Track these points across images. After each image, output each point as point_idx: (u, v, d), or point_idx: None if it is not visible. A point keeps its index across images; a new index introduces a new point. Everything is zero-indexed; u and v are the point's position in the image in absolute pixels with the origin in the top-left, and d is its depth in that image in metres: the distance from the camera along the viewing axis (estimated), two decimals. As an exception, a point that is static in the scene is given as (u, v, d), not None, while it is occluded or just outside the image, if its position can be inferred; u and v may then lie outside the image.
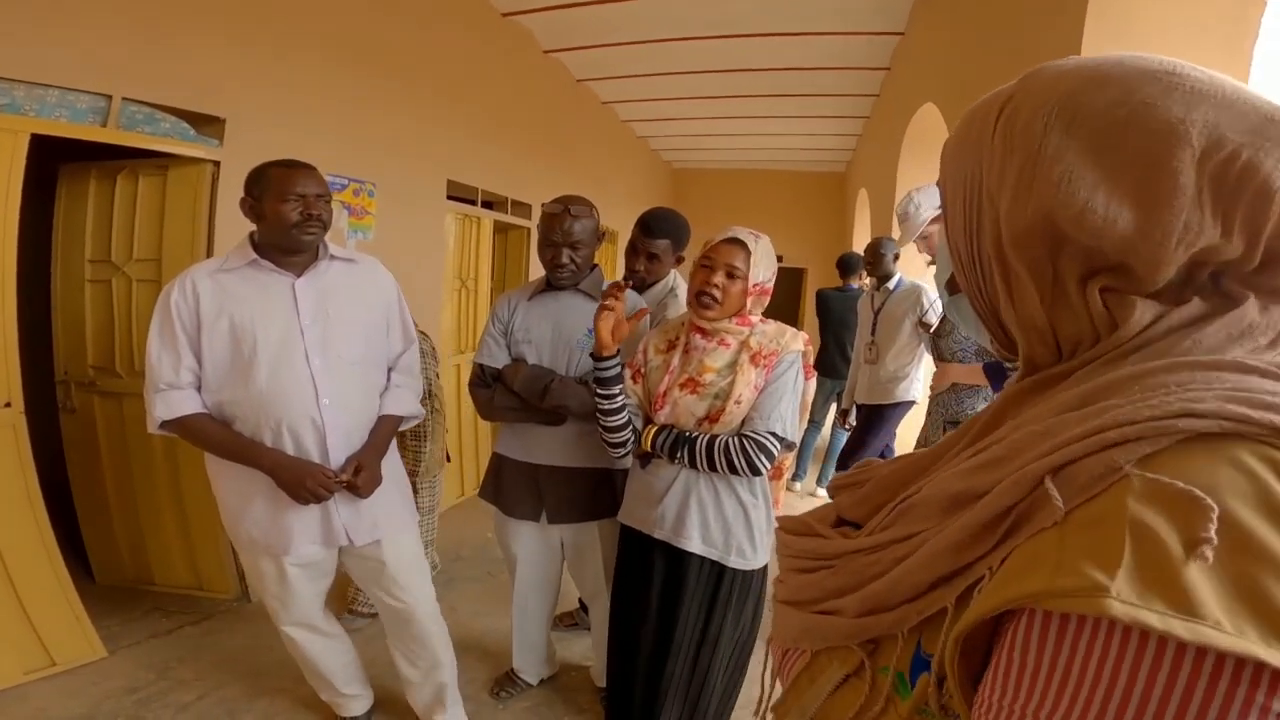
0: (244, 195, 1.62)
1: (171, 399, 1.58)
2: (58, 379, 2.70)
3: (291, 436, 1.62)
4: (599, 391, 1.62)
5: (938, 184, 0.52)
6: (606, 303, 1.60)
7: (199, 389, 1.62)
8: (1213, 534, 0.29)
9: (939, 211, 0.57)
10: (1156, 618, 0.28)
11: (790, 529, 0.59)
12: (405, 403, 1.82)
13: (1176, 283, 0.40)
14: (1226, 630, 0.27)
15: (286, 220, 1.59)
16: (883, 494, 0.51)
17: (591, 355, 1.63)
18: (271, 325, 1.61)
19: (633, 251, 2.15)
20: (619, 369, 1.62)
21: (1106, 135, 0.39)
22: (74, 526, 2.69)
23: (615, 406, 1.61)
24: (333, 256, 1.73)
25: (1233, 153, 0.37)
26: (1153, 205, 0.38)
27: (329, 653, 1.93)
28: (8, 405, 2.09)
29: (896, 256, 3.45)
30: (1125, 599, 0.29)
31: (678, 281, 2.21)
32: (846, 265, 4.39)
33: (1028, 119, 0.42)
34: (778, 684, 0.54)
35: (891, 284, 3.46)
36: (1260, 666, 0.27)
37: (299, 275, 1.66)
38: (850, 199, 8.12)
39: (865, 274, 3.79)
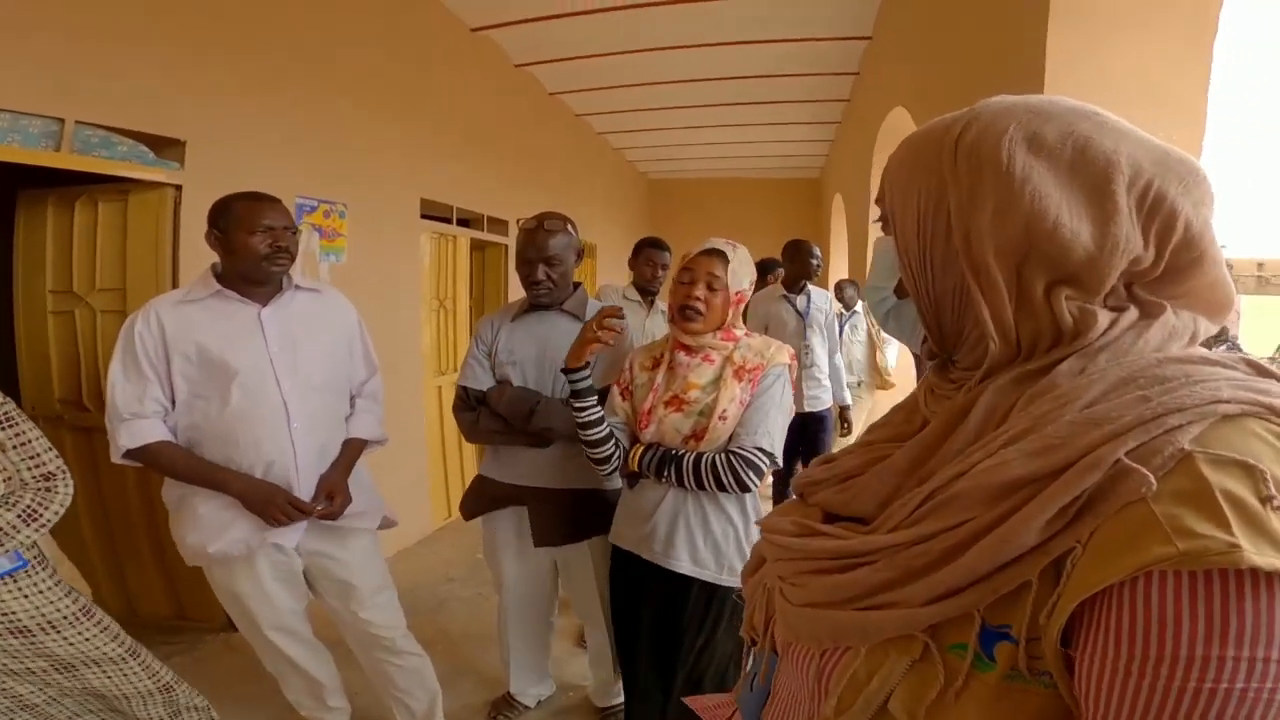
0: (209, 229, 1.65)
1: (135, 428, 1.59)
2: (22, 415, 2.60)
3: (263, 460, 1.64)
4: (574, 404, 1.60)
5: (876, 202, 0.59)
6: (605, 337, 1.58)
7: (164, 418, 1.63)
8: (1274, 491, 0.37)
9: None
10: None
11: (786, 530, 0.59)
12: (370, 427, 1.87)
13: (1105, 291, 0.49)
14: None
15: (256, 253, 1.62)
16: (886, 487, 0.54)
17: (562, 370, 1.63)
18: (241, 353, 1.64)
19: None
20: (590, 379, 1.61)
21: (1060, 160, 0.47)
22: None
23: (593, 419, 1.59)
24: (297, 286, 1.77)
25: (1148, 181, 0.46)
26: (1104, 221, 0.46)
27: (314, 660, 1.91)
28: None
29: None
30: (1251, 551, 0.35)
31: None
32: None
33: (992, 144, 0.48)
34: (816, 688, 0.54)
35: (810, 287, 3.47)
36: None
37: (264, 305, 1.69)
38: (826, 204, 8.18)
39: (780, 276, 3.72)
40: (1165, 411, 0.41)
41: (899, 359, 4.83)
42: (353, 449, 1.81)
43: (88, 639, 1.53)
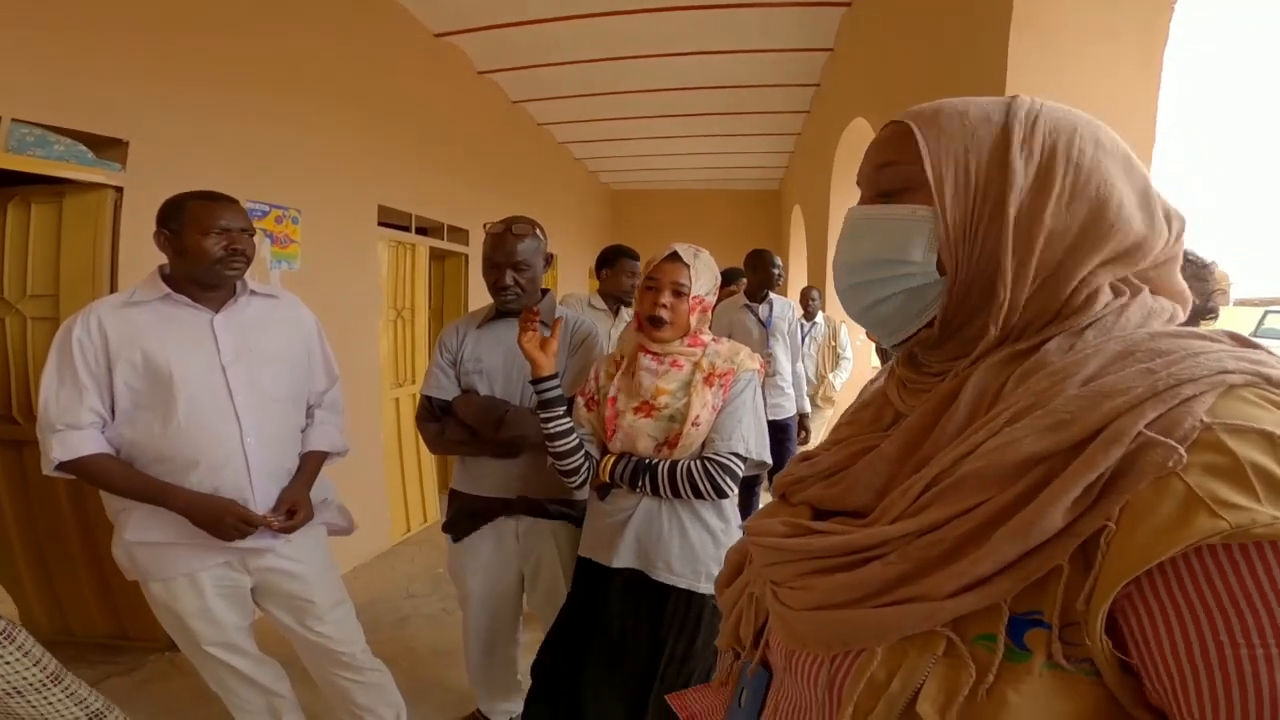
0: (159, 228, 1.55)
1: (70, 439, 1.48)
2: (-54, 430, 2.42)
3: (213, 475, 1.55)
4: (543, 415, 1.56)
5: (881, 166, 0.57)
6: (530, 322, 1.58)
7: (102, 429, 1.53)
8: None
9: None
10: None
11: (776, 532, 0.56)
12: (331, 438, 1.80)
13: None
14: None
15: (209, 255, 1.53)
16: (880, 477, 0.52)
17: (531, 381, 1.58)
18: (190, 363, 1.54)
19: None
20: (559, 389, 1.57)
21: (1118, 159, 0.51)
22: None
23: (563, 429, 1.55)
24: (252, 292, 1.67)
25: (1148, 180, 0.52)
26: (1151, 215, 0.51)
27: (266, 673, 1.78)
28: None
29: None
30: None
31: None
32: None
33: (1068, 140, 0.50)
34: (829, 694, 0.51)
35: (773, 296, 3.49)
36: None
37: (217, 311, 1.60)
38: (785, 216, 8.29)
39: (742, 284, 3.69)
40: (1177, 382, 0.41)
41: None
42: (313, 462, 1.73)
43: (6, 663, 1.42)
